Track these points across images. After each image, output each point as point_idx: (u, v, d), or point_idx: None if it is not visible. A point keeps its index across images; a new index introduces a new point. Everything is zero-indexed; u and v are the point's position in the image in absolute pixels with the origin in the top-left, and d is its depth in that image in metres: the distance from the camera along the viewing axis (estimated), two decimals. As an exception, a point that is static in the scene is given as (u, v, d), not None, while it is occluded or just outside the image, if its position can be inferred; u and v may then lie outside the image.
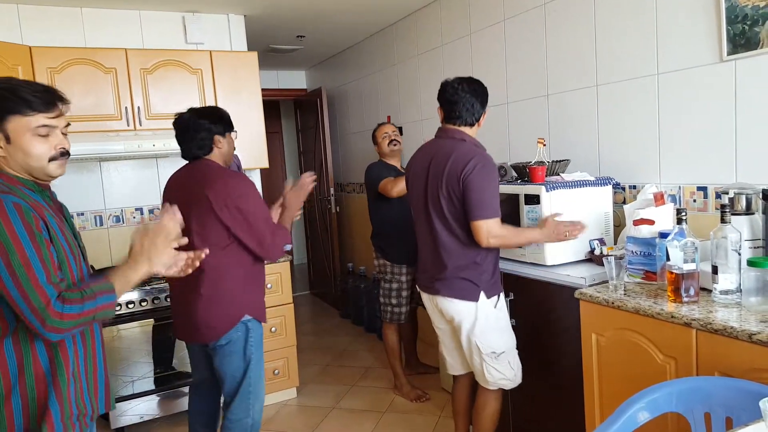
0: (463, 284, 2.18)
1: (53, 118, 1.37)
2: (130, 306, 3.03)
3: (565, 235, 2.20)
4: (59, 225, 1.38)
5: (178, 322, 2.29)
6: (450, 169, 2.12)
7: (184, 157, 2.29)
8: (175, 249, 1.49)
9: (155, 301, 3.09)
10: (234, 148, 2.35)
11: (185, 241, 1.54)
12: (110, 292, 1.34)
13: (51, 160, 1.37)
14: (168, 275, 1.55)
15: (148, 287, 3.08)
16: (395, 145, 3.43)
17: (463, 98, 2.19)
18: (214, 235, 2.11)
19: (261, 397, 2.30)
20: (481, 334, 2.20)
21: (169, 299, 3.02)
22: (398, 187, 3.19)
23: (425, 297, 2.36)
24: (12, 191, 1.31)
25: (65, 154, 1.40)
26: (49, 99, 1.36)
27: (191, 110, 2.27)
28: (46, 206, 1.38)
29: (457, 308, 2.21)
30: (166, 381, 3.17)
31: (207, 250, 1.67)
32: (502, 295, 2.26)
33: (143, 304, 3.06)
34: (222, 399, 2.34)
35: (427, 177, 2.22)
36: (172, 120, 2.29)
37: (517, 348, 2.31)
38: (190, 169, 2.26)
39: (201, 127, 2.20)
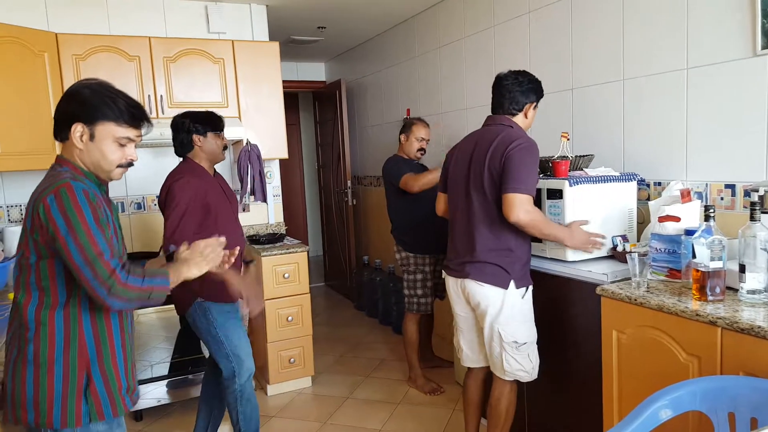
0: (494, 270, 2.18)
1: (136, 134, 1.52)
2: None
3: (588, 247, 2.25)
4: (111, 217, 1.51)
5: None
6: (495, 147, 2.15)
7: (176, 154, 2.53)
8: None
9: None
10: (220, 147, 2.52)
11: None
12: (166, 277, 1.49)
13: (118, 166, 1.52)
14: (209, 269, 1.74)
15: None
16: (422, 154, 3.44)
17: (503, 87, 2.24)
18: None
19: (247, 365, 2.49)
20: (506, 322, 2.20)
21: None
22: (420, 183, 3.19)
23: (451, 282, 2.36)
24: (78, 179, 1.44)
25: (131, 164, 1.55)
26: (139, 116, 1.51)
27: (184, 113, 2.51)
28: (101, 197, 1.49)
29: (484, 293, 2.20)
30: (183, 366, 3.20)
31: (238, 248, 1.84)
32: (531, 287, 2.26)
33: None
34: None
35: (470, 160, 2.25)
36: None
37: (537, 342, 2.29)
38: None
39: (182, 127, 2.44)
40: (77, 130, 1.45)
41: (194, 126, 2.44)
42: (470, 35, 3.66)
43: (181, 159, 2.53)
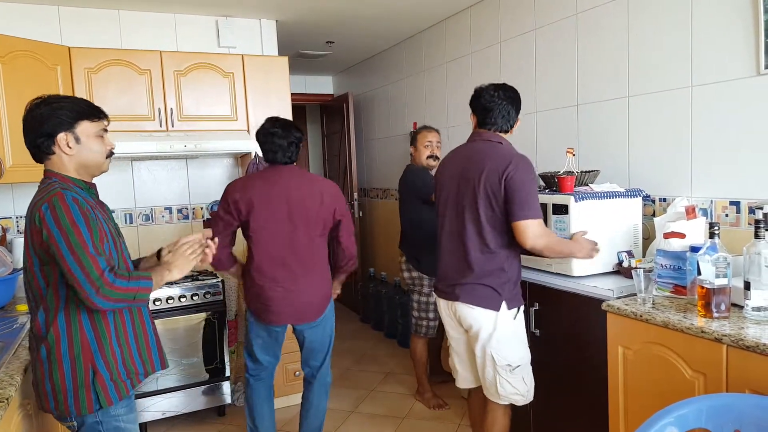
0: (485, 291, 2.13)
1: (106, 125, 1.74)
2: (179, 300, 3.13)
3: (594, 254, 2.24)
4: (103, 218, 1.68)
5: (285, 309, 2.53)
6: (490, 169, 2.08)
7: (273, 161, 2.56)
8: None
9: (206, 296, 3.23)
10: None
11: (209, 234, 1.91)
12: (149, 280, 1.65)
13: (106, 157, 1.73)
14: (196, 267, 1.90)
15: (200, 281, 3.23)
16: (434, 160, 3.31)
17: (499, 105, 2.17)
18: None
19: None
20: (498, 344, 2.14)
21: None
22: None
23: (442, 304, 2.31)
24: (68, 188, 1.60)
25: (112, 153, 1.76)
26: (97, 109, 1.72)
27: (276, 119, 2.61)
28: (93, 202, 1.67)
29: (475, 316, 2.15)
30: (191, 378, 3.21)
31: (210, 233, 1.92)
32: (522, 308, 2.22)
33: (188, 299, 3.11)
34: (310, 367, 2.74)
35: (459, 179, 2.19)
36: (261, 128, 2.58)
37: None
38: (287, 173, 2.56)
39: (298, 139, 2.57)
40: (62, 139, 1.62)
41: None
42: (477, 51, 3.70)
43: (286, 164, 2.56)
